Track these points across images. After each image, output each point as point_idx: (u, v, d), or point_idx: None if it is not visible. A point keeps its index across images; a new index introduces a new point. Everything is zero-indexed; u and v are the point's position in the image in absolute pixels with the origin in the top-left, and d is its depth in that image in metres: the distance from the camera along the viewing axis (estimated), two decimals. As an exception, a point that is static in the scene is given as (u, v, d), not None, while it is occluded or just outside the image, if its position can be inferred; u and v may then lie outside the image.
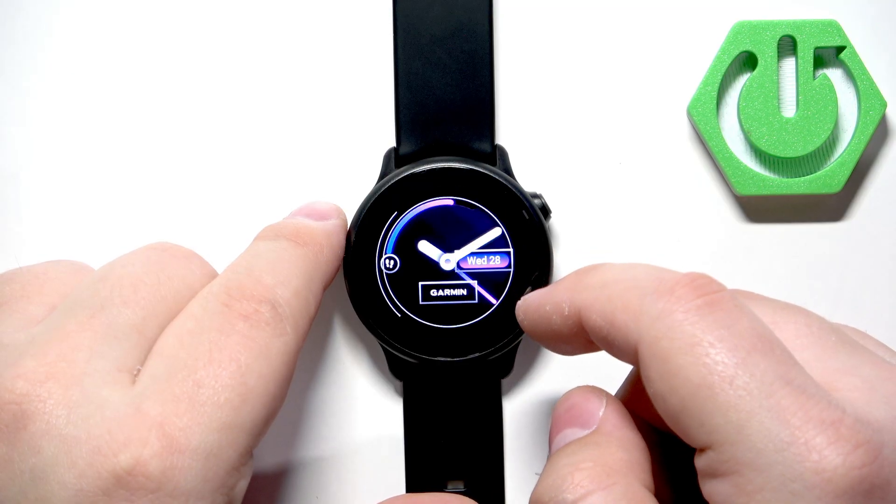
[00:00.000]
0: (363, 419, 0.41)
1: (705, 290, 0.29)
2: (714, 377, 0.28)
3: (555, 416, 0.33)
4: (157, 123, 0.42)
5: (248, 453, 0.32)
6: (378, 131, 0.41)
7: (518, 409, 0.41)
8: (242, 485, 0.32)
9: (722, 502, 0.28)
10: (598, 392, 0.33)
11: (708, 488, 0.29)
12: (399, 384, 0.41)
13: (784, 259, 0.42)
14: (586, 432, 0.32)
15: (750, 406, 0.27)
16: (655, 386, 0.29)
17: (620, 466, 0.31)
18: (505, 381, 0.41)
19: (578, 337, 0.33)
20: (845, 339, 0.31)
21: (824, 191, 0.41)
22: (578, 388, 0.34)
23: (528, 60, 0.42)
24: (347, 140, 0.41)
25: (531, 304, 0.35)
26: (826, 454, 0.27)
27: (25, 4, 0.41)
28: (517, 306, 0.36)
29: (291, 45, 0.42)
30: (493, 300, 0.39)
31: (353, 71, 0.42)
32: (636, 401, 0.34)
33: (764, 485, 0.27)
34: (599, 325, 0.31)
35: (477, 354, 0.39)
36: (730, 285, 0.41)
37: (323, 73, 0.41)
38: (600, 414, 0.32)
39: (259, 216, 0.41)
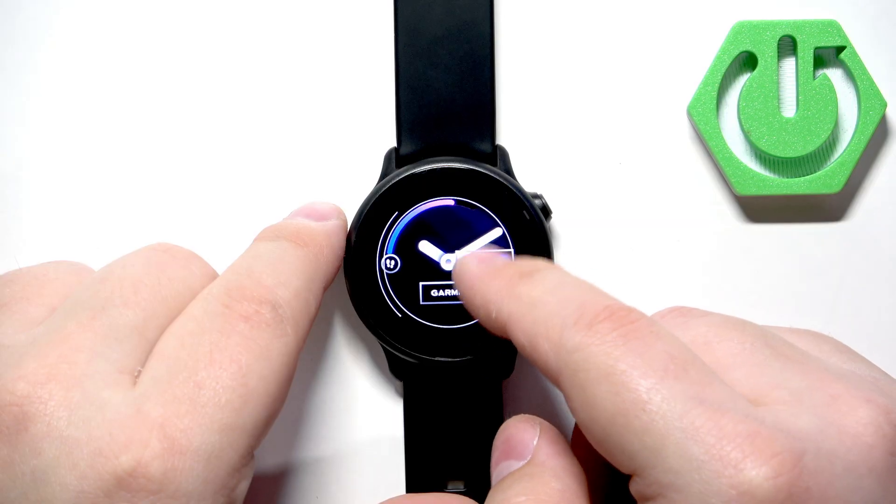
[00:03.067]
0: (363, 419, 0.41)
1: (622, 322, 0.30)
2: (627, 404, 0.28)
3: (493, 449, 0.34)
4: (158, 124, 0.42)
5: (249, 454, 0.32)
6: (379, 131, 0.41)
7: (518, 410, 0.41)
8: (243, 486, 0.32)
9: None
10: (532, 422, 0.34)
11: None
12: (399, 384, 0.41)
13: (784, 259, 0.42)
14: (521, 464, 0.33)
15: (664, 429, 0.28)
16: (579, 416, 0.30)
17: (554, 497, 0.32)
18: (505, 382, 0.41)
19: (504, 335, 0.33)
20: (779, 353, 0.31)
21: (824, 191, 0.41)
22: (514, 418, 0.34)
23: (529, 61, 0.42)
24: (348, 140, 0.41)
25: (464, 280, 0.35)
26: (741, 467, 0.27)
27: (25, 4, 0.41)
28: (455, 268, 0.36)
29: (292, 46, 0.42)
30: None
31: (354, 71, 0.41)
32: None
33: None
34: (522, 344, 0.32)
35: (477, 355, 0.39)
36: (730, 285, 0.41)
37: (324, 73, 0.41)
38: (534, 444, 0.33)
39: (259, 217, 0.41)
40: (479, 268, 0.35)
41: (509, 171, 0.40)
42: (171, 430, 0.30)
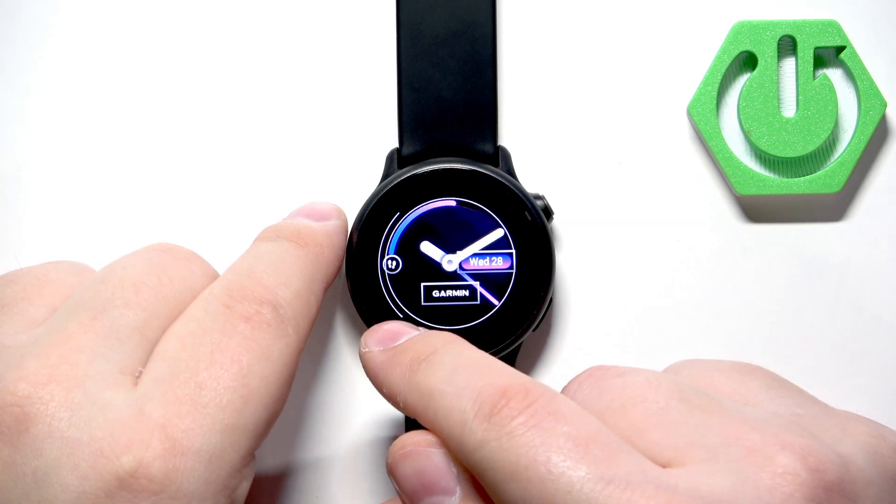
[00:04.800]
0: (364, 420, 0.41)
1: (519, 408, 0.29)
2: (538, 499, 0.28)
3: (404, 481, 0.32)
4: (159, 124, 0.41)
5: (251, 455, 0.32)
6: (381, 132, 0.41)
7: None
8: (244, 486, 0.32)
9: None
10: (435, 443, 0.32)
11: None
12: (400, 385, 0.41)
13: (784, 259, 0.42)
14: (453, 500, 0.31)
15: None
16: None
17: None
18: (507, 382, 0.41)
19: None
20: (695, 407, 0.31)
21: (824, 191, 0.41)
22: (412, 443, 0.32)
23: (531, 61, 0.41)
24: (350, 141, 0.41)
25: (369, 368, 0.35)
26: None
27: (25, 4, 0.41)
28: (360, 352, 0.36)
29: (294, 46, 0.41)
30: (495, 301, 0.39)
31: (356, 71, 0.41)
32: None
33: None
34: (433, 433, 0.32)
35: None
36: (730, 285, 0.41)
37: (326, 73, 0.41)
38: (454, 472, 0.32)
39: (261, 217, 0.41)
40: (380, 355, 0.35)
41: (511, 172, 0.40)
42: (172, 431, 0.30)
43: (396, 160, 0.40)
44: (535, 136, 0.41)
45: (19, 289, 0.35)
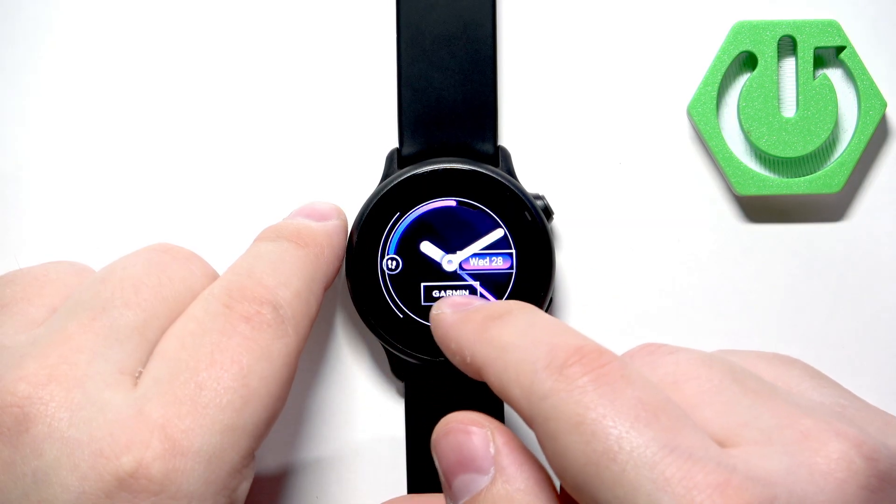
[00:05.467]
0: (365, 420, 0.41)
1: (592, 366, 0.29)
2: (598, 455, 0.28)
3: (442, 456, 0.33)
4: (159, 124, 0.41)
5: (250, 455, 0.32)
6: (381, 132, 0.41)
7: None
8: (244, 486, 0.32)
9: None
10: (479, 422, 0.33)
11: None
12: (401, 385, 0.41)
13: (784, 259, 0.42)
14: (486, 478, 0.32)
15: (634, 480, 0.27)
16: (552, 464, 0.30)
17: None
18: (507, 383, 0.41)
19: (480, 380, 0.33)
20: (747, 388, 0.31)
21: (824, 191, 0.41)
22: (455, 419, 0.33)
23: (531, 61, 0.41)
24: (350, 141, 0.41)
25: (440, 328, 0.35)
26: None
27: (25, 4, 0.41)
28: (431, 314, 0.36)
29: (294, 46, 0.41)
30: (495, 301, 0.39)
31: (356, 71, 0.41)
32: None
33: None
34: (497, 389, 0.32)
35: (479, 356, 0.39)
36: (730, 285, 0.41)
37: (326, 73, 0.41)
38: (491, 451, 0.32)
39: (261, 217, 0.41)
40: (452, 315, 0.34)
41: (511, 172, 0.40)
42: (172, 431, 0.30)
43: (396, 160, 0.40)
44: (535, 136, 0.41)
45: (19, 289, 0.35)
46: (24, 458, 0.30)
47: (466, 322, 0.34)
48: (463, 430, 0.32)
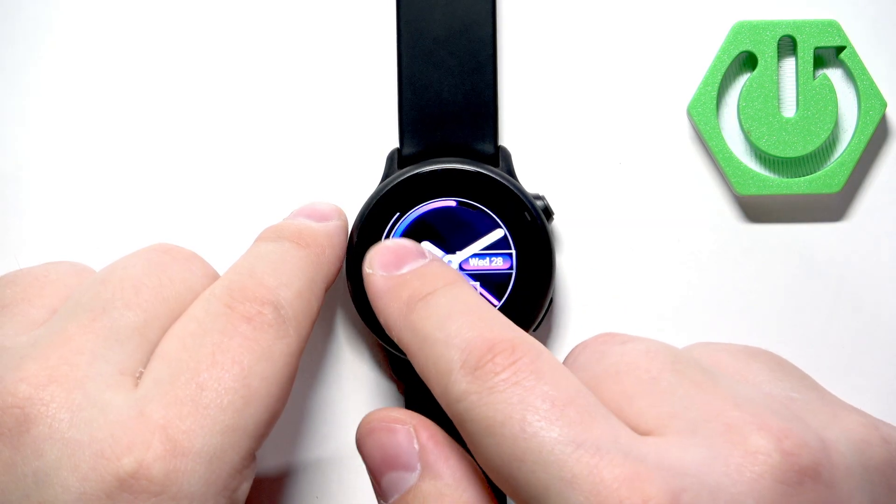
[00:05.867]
0: (365, 419, 0.41)
1: (503, 365, 0.30)
2: (507, 457, 0.29)
3: (368, 456, 0.33)
4: (159, 124, 0.41)
5: (251, 456, 0.32)
6: (381, 132, 0.41)
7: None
8: (245, 487, 0.32)
9: None
10: (401, 419, 0.33)
11: None
12: (401, 385, 0.41)
13: (784, 259, 0.42)
14: (414, 475, 0.32)
15: (545, 480, 0.28)
16: (478, 461, 0.30)
17: None
18: (508, 383, 0.41)
19: None
20: (686, 379, 0.31)
21: (824, 191, 0.41)
22: (377, 415, 0.34)
23: (531, 62, 0.41)
24: (351, 141, 0.41)
25: (370, 292, 0.35)
26: None
27: (25, 3, 0.41)
28: (363, 267, 0.36)
29: (295, 46, 0.41)
30: (495, 302, 0.39)
31: (357, 72, 0.41)
32: None
33: None
34: (422, 377, 0.32)
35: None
36: (730, 285, 0.41)
37: (326, 73, 0.41)
38: (415, 447, 0.32)
39: (261, 217, 0.41)
40: (382, 280, 0.35)
41: (511, 173, 0.40)
42: (173, 432, 0.30)
43: (397, 160, 0.40)
44: (535, 136, 0.41)
45: (19, 290, 0.35)
46: (24, 458, 0.30)
47: (393, 298, 0.34)
48: (386, 429, 0.33)
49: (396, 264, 0.35)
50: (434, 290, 0.33)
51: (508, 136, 0.41)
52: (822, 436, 0.30)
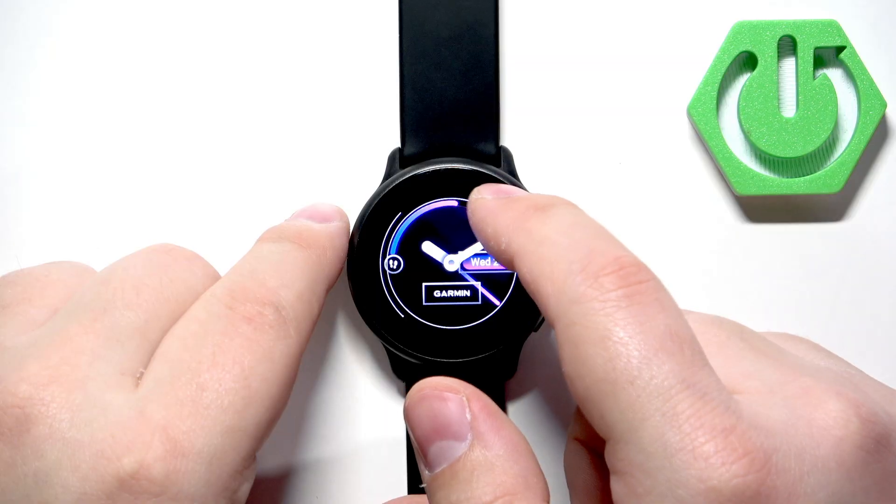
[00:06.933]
0: (365, 420, 0.41)
1: (629, 281, 0.29)
2: (617, 374, 0.28)
3: (416, 424, 0.32)
4: (159, 124, 0.41)
5: (252, 456, 0.32)
6: (383, 132, 0.41)
7: (521, 410, 0.41)
8: (245, 488, 0.32)
9: (618, 500, 0.28)
10: (454, 388, 0.32)
11: (611, 484, 0.29)
12: (401, 385, 0.41)
13: (784, 259, 0.42)
14: (463, 445, 0.31)
15: (646, 408, 0.27)
16: (565, 367, 0.29)
17: (519, 484, 0.31)
18: (508, 383, 0.41)
19: (511, 268, 0.32)
20: (753, 347, 0.31)
21: (824, 191, 0.41)
22: (428, 384, 0.32)
23: (532, 61, 0.41)
24: (352, 141, 0.41)
25: (478, 212, 0.34)
26: (712, 462, 0.27)
27: (25, 4, 0.41)
28: (470, 200, 0.34)
29: (296, 46, 0.41)
30: (496, 301, 0.39)
31: (359, 72, 0.41)
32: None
33: (652, 488, 0.27)
34: (526, 281, 0.31)
35: (480, 356, 0.39)
36: (730, 285, 0.41)
37: (328, 73, 0.41)
38: (467, 417, 0.31)
39: (263, 218, 0.41)
40: (493, 201, 0.33)
41: (513, 173, 0.40)
42: (173, 433, 0.30)
43: (398, 160, 0.40)
44: (535, 136, 0.41)
45: (20, 290, 0.35)
46: (25, 458, 0.30)
47: (507, 209, 0.33)
48: (438, 397, 0.32)
49: (508, 192, 0.34)
50: (554, 204, 0.32)
51: (508, 135, 0.41)
52: (887, 409, 0.30)
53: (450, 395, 0.32)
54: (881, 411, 0.30)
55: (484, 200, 0.34)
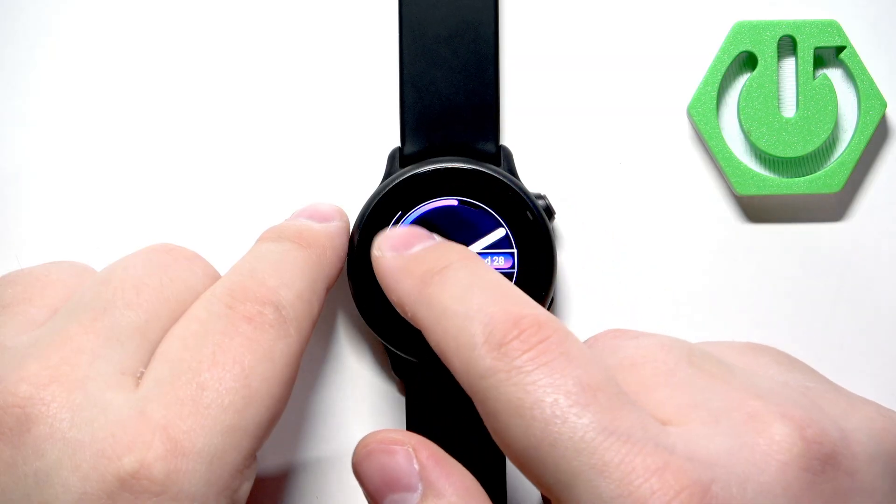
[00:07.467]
0: (365, 419, 0.41)
1: (531, 343, 0.29)
2: (537, 440, 0.28)
3: (367, 479, 0.32)
4: (159, 123, 0.41)
5: (252, 456, 0.32)
6: (382, 131, 0.41)
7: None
8: (246, 487, 0.32)
9: None
10: (398, 440, 0.32)
11: None
12: (401, 384, 0.41)
13: (784, 259, 0.42)
14: (415, 496, 0.31)
15: (575, 466, 0.28)
16: (495, 439, 0.30)
17: None
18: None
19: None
20: (703, 371, 0.31)
21: (824, 191, 0.41)
22: (373, 438, 0.33)
23: (532, 61, 0.41)
24: (352, 140, 0.41)
25: (380, 273, 0.34)
26: (651, 503, 0.27)
27: (26, 4, 0.41)
28: (372, 253, 0.35)
29: (295, 46, 0.41)
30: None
31: (358, 71, 0.41)
32: None
33: None
34: (438, 354, 0.32)
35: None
36: (730, 285, 0.41)
37: (328, 72, 0.41)
38: (415, 467, 0.32)
39: (263, 217, 0.41)
40: (393, 260, 0.34)
41: (513, 172, 0.40)
42: (174, 432, 0.30)
43: (398, 159, 0.40)
44: (535, 135, 0.41)
45: (20, 290, 0.35)
46: (25, 458, 0.30)
47: (406, 275, 0.33)
48: (384, 451, 0.32)
49: (406, 245, 0.35)
50: (449, 264, 0.33)
51: (508, 135, 0.41)
52: (840, 425, 0.30)
53: (396, 448, 0.32)
54: (832, 428, 0.29)
55: (385, 260, 0.34)
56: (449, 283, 0.32)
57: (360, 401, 0.41)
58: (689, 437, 0.28)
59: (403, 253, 0.34)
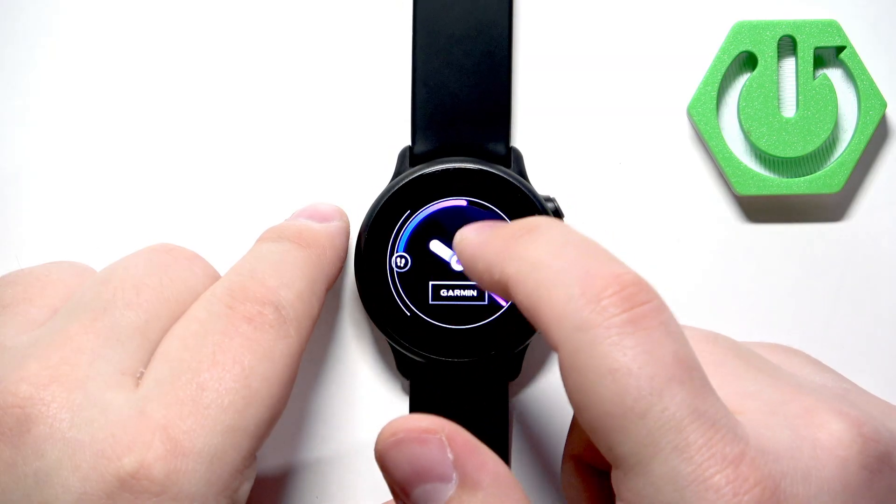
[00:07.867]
0: (369, 418, 0.41)
1: (633, 302, 0.28)
2: (626, 408, 0.27)
3: (394, 468, 0.30)
4: (160, 123, 0.41)
5: (252, 456, 0.32)
6: (393, 130, 0.41)
7: (525, 411, 0.41)
8: (246, 487, 0.32)
9: None
10: (430, 429, 0.30)
11: None
12: (405, 383, 0.41)
13: (784, 259, 0.42)
14: (450, 486, 0.29)
15: (658, 442, 0.27)
16: (571, 396, 0.28)
17: None
18: (512, 384, 0.41)
19: (507, 297, 0.31)
20: (751, 365, 0.31)
21: (824, 191, 0.41)
22: (401, 423, 0.30)
23: (541, 62, 0.41)
24: (363, 138, 0.41)
25: (466, 250, 0.32)
26: (724, 493, 0.26)
27: (26, 4, 0.41)
28: (455, 240, 0.33)
29: (308, 43, 0.41)
30: (502, 302, 0.39)
31: (371, 69, 0.41)
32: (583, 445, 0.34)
33: None
34: (524, 307, 0.30)
35: (485, 356, 0.39)
36: (730, 285, 0.41)
37: (340, 70, 0.41)
38: (449, 456, 0.29)
39: (266, 218, 0.41)
40: (477, 235, 0.32)
41: (523, 174, 0.40)
42: (174, 432, 0.30)
43: (408, 158, 0.40)
44: (536, 135, 0.41)
45: (20, 290, 0.35)
46: (25, 458, 0.30)
47: (493, 239, 0.31)
48: (415, 439, 0.30)
49: (486, 225, 0.33)
50: (539, 225, 0.31)
51: (521, 137, 0.41)
52: (888, 426, 0.30)
53: (428, 437, 0.30)
54: (882, 428, 0.29)
55: (468, 239, 0.32)
56: (542, 239, 0.30)
57: (359, 401, 0.41)
58: (755, 427, 0.28)
59: (485, 230, 0.32)
